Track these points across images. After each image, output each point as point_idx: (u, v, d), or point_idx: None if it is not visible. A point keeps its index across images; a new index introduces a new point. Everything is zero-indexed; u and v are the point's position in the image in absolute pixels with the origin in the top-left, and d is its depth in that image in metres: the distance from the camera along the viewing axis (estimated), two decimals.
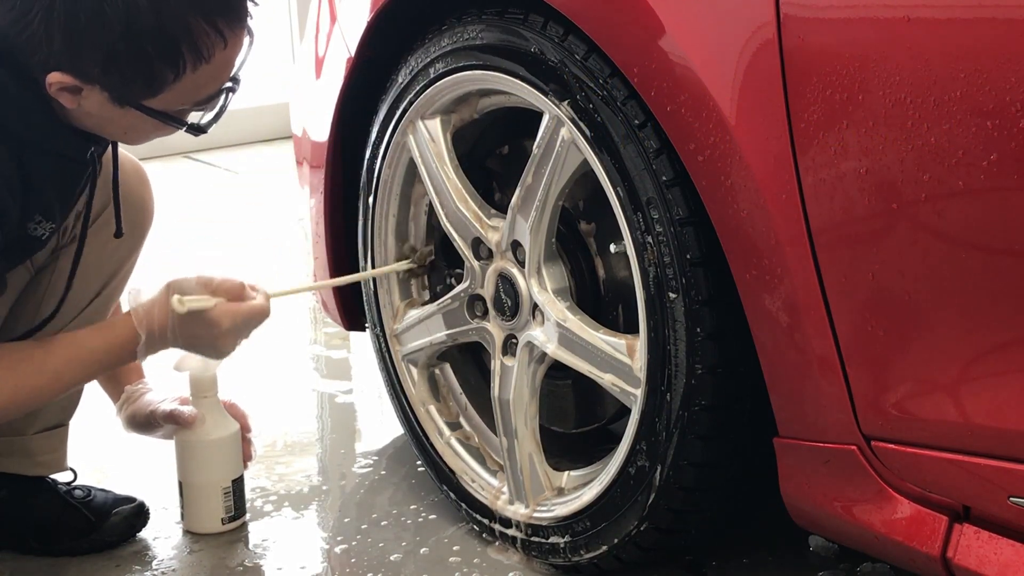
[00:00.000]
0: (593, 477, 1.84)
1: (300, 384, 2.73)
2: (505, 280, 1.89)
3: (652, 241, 1.63)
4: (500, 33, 1.78)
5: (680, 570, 1.88)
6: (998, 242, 1.33)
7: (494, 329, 1.93)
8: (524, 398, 1.89)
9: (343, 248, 2.20)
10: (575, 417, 2.02)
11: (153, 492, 2.16)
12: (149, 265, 2.13)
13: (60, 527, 2.04)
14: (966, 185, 1.32)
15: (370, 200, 2.07)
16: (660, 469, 1.70)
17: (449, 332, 2.02)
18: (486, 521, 1.99)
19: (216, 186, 4.40)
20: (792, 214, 1.45)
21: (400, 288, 2.12)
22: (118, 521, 2.07)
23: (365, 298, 2.16)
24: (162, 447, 2.13)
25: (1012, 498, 1.39)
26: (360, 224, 2.11)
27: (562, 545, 1.86)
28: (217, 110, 1.75)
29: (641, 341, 1.69)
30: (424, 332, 2.06)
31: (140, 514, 2.09)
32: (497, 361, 1.92)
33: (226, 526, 2.07)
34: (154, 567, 2.00)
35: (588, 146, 1.68)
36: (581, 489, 1.85)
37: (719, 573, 1.89)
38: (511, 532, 1.94)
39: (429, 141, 1.95)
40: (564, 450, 1.97)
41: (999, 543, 1.43)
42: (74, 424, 2.09)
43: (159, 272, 1.91)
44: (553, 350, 1.83)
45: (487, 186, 2.01)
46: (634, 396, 1.72)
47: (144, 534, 2.08)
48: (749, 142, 1.47)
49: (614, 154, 1.65)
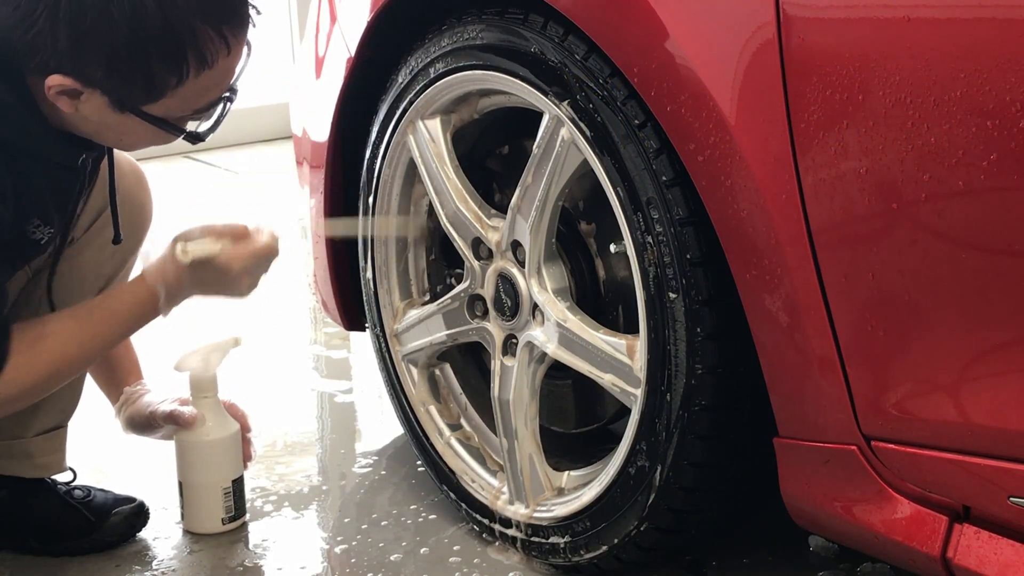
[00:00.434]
0: (593, 477, 1.84)
1: (300, 384, 2.73)
2: (505, 280, 1.89)
3: (652, 241, 1.63)
4: (500, 33, 1.78)
5: (680, 570, 1.88)
6: (998, 242, 1.33)
7: (494, 329, 1.93)
8: (524, 398, 1.89)
9: (343, 248, 2.21)
10: (575, 417, 2.02)
11: (153, 492, 2.16)
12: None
13: (60, 527, 2.04)
14: (966, 185, 1.32)
15: (370, 200, 2.07)
16: (660, 469, 1.70)
17: (449, 332, 2.02)
18: (486, 521, 1.99)
19: (216, 186, 4.40)
20: (792, 214, 1.45)
21: (400, 288, 2.12)
22: (118, 521, 2.07)
23: (365, 298, 2.16)
24: (162, 447, 2.13)
25: (1012, 498, 1.39)
26: (360, 224, 2.11)
27: (562, 545, 1.86)
28: (215, 119, 1.75)
29: (641, 341, 1.69)
30: (424, 332, 2.06)
31: (140, 514, 2.09)
32: (497, 361, 1.92)
33: (226, 526, 2.07)
34: (154, 567, 2.00)
35: (588, 146, 1.68)
36: (581, 489, 1.85)
37: (719, 573, 1.89)
38: (511, 532, 1.94)
39: (429, 141, 1.95)
40: (564, 450, 1.97)
41: (999, 543, 1.43)
42: (74, 424, 2.09)
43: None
44: (553, 350, 1.83)
45: (487, 186, 2.01)
46: (634, 396, 1.72)
47: (144, 534, 2.08)
48: (749, 142, 1.47)
49: (614, 154, 1.65)
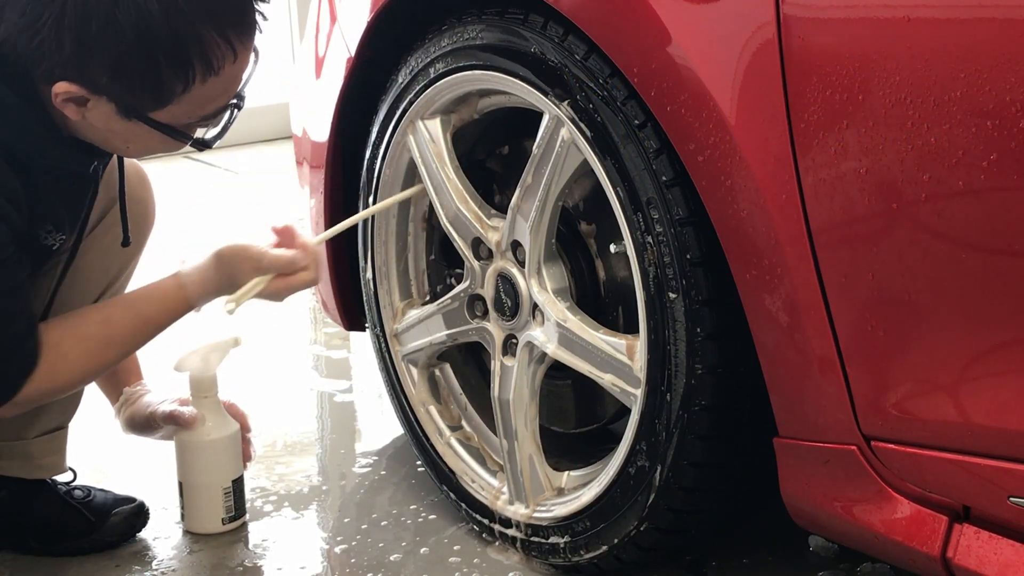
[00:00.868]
0: (593, 477, 1.84)
1: (300, 384, 2.73)
2: (505, 280, 1.89)
3: (652, 241, 1.63)
4: (500, 33, 1.78)
5: (680, 570, 1.88)
6: (998, 242, 1.33)
7: (494, 329, 1.93)
8: (524, 398, 1.89)
9: (343, 248, 2.21)
10: (575, 417, 2.02)
11: (153, 492, 2.16)
12: (149, 266, 2.13)
13: (60, 527, 2.04)
14: (966, 185, 1.32)
15: (370, 200, 2.07)
16: (660, 469, 1.70)
17: (449, 332, 2.02)
18: (486, 521, 1.99)
19: (216, 186, 4.40)
20: (792, 214, 1.45)
21: (400, 288, 2.12)
22: (118, 521, 2.07)
23: (365, 298, 2.16)
24: (162, 447, 2.13)
25: (1012, 498, 1.39)
26: (360, 224, 2.11)
27: (562, 545, 1.86)
28: (222, 126, 1.75)
29: (641, 341, 1.69)
30: (424, 332, 2.06)
31: (140, 514, 2.09)
32: (497, 361, 1.92)
33: (226, 526, 2.07)
34: (154, 567, 2.00)
35: (588, 146, 1.68)
36: (581, 489, 1.85)
37: (719, 573, 1.89)
38: (511, 532, 1.94)
39: (429, 141, 1.95)
40: (564, 450, 1.97)
41: (999, 543, 1.43)
42: (74, 425, 2.09)
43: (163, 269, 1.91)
44: (553, 350, 1.83)
45: (487, 186, 2.01)
46: (634, 396, 1.72)
47: (144, 534, 2.08)
48: (749, 142, 1.47)
49: (614, 154, 1.65)
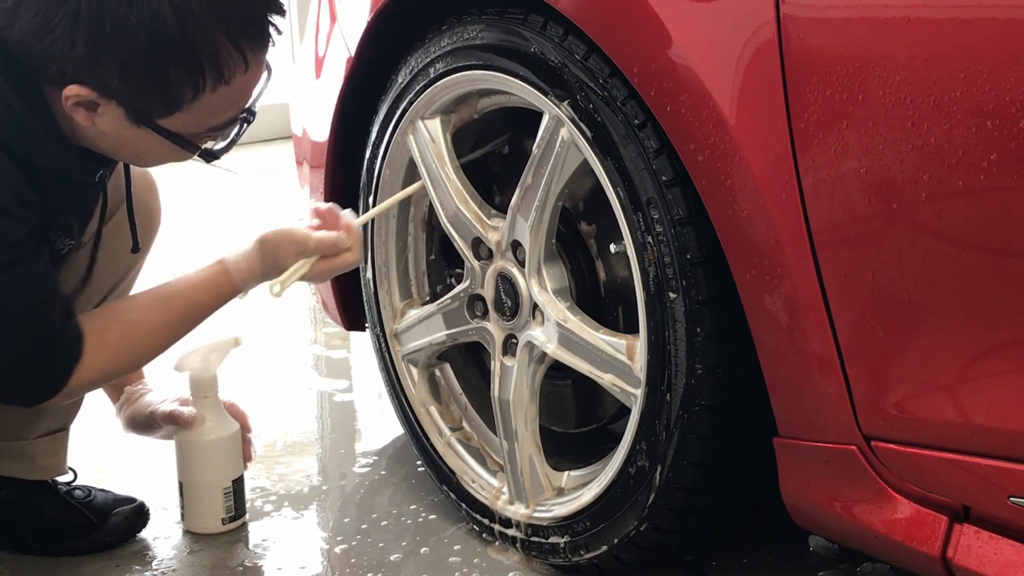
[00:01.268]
0: (593, 477, 1.84)
1: (300, 384, 2.73)
2: (505, 280, 1.89)
3: (652, 241, 1.63)
4: (500, 33, 1.78)
5: (680, 570, 1.88)
6: (998, 242, 1.33)
7: (494, 329, 1.93)
8: (524, 399, 1.89)
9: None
10: (575, 417, 2.02)
11: (153, 492, 2.16)
12: (149, 266, 2.13)
13: (60, 527, 2.04)
14: (966, 185, 1.32)
15: (370, 200, 2.07)
16: (660, 469, 1.70)
17: (449, 332, 2.02)
18: (486, 521, 1.99)
19: (216, 186, 4.40)
20: (792, 214, 1.45)
21: (400, 288, 2.12)
22: (118, 521, 2.07)
23: (365, 298, 2.16)
24: (162, 447, 2.13)
25: (1012, 498, 1.39)
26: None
27: (562, 545, 1.86)
28: (231, 139, 1.75)
29: (641, 341, 1.69)
30: (424, 332, 2.06)
31: (140, 514, 2.09)
32: (497, 361, 1.92)
33: (226, 526, 2.07)
34: (154, 567, 2.00)
35: (588, 146, 1.68)
36: (581, 489, 1.85)
37: (719, 573, 1.89)
38: (511, 532, 1.94)
39: (429, 141, 1.95)
40: (564, 450, 1.97)
41: (999, 543, 1.43)
42: (75, 425, 2.09)
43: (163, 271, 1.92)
44: (553, 350, 1.83)
45: (487, 186, 2.01)
46: (634, 396, 1.72)
47: (144, 534, 2.08)
48: (749, 142, 1.47)
49: (614, 154, 1.65)
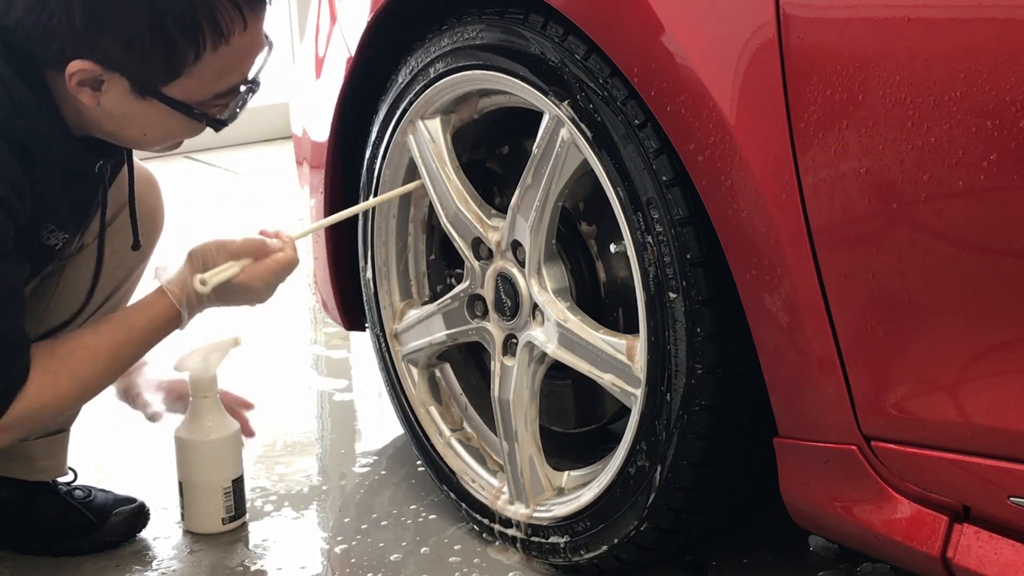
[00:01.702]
0: (593, 477, 1.84)
1: (300, 384, 2.73)
2: (505, 280, 1.89)
3: (652, 241, 1.63)
4: (500, 33, 1.78)
5: (680, 570, 1.88)
6: (998, 242, 1.33)
7: (494, 329, 1.93)
8: (524, 399, 1.89)
9: (343, 248, 2.21)
10: (575, 417, 2.02)
11: (153, 492, 2.16)
12: (149, 267, 2.13)
13: (60, 527, 2.04)
14: (966, 185, 1.32)
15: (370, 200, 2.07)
16: (660, 469, 1.70)
17: (449, 332, 2.02)
18: (486, 521, 1.99)
19: (216, 186, 4.40)
20: (792, 214, 1.45)
21: (400, 288, 2.12)
22: (118, 521, 2.07)
23: (365, 298, 2.16)
24: (162, 447, 2.13)
25: (1012, 498, 1.39)
26: (360, 224, 2.11)
27: (562, 545, 1.86)
28: (238, 106, 1.73)
29: (641, 341, 1.69)
30: (424, 332, 2.06)
31: (140, 514, 2.09)
32: (497, 362, 1.92)
33: (226, 526, 2.07)
34: (154, 567, 2.00)
35: (588, 146, 1.68)
36: (581, 489, 1.85)
37: (719, 573, 1.89)
38: (511, 532, 1.94)
39: (429, 141, 1.95)
40: (564, 450, 1.97)
41: (999, 543, 1.43)
42: (75, 425, 2.08)
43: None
44: (553, 350, 1.83)
45: (487, 186, 2.01)
46: (634, 396, 1.72)
47: (144, 534, 2.08)
48: (749, 142, 1.47)
49: (614, 154, 1.65)
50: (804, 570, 1.87)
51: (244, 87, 1.72)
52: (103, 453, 2.37)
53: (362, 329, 2.26)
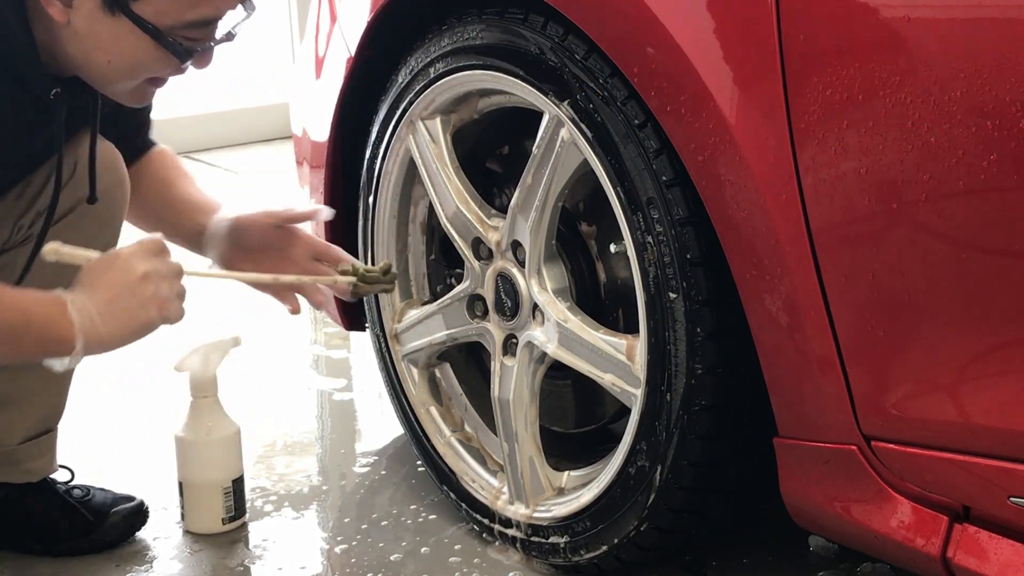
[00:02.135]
0: (593, 477, 1.84)
1: (300, 384, 2.73)
2: (505, 280, 1.89)
3: (652, 241, 1.63)
4: (500, 33, 1.78)
5: (680, 570, 1.88)
6: (998, 242, 1.33)
7: (494, 329, 1.93)
8: (524, 399, 1.89)
9: (343, 248, 2.20)
10: (575, 417, 2.02)
11: (153, 492, 2.16)
12: None
13: (59, 527, 2.04)
14: (966, 185, 1.32)
15: (370, 200, 2.07)
16: (660, 469, 1.70)
17: (449, 332, 2.02)
18: (486, 521, 1.99)
19: (216, 186, 4.38)
20: (792, 214, 1.45)
21: (400, 288, 2.12)
22: (117, 521, 2.06)
23: (366, 298, 2.16)
24: (161, 447, 2.12)
25: (1012, 498, 1.39)
26: (360, 224, 2.11)
27: (562, 545, 1.86)
28: (209, 48, 1.68)
29: (641, 341, 1.69)
30: (424, 332, 2.06)
31: (139, 513, 2.08)
32: (497, 362, 1.92)
33: (226, 526, 2.07)
34: (154, 567, 2.00)
35: (588, 146, 1.68)
36: (581, 489, 1.85)
37: (719, 573, 1.89)
38: (511, 532, 1.94)
39: (429, 141, 1.95)
40: (564, 450, 1.97)
41: (999, 543, 1.43)
42: (73, 424, 2.08)
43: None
44: (553, 350, 1.83)
45: (487, 186, 2.01)
46: (634, 396, 1.72)
47: (144, 534, 2.08)
48: (749, 142, 1.47)
49: (614, 154, 1.65)
50: (804, 570, 1.87)
51: (218, 36, 1.67)
52: (102, 452, 2.37)
53: (362, 329, 2.26)
